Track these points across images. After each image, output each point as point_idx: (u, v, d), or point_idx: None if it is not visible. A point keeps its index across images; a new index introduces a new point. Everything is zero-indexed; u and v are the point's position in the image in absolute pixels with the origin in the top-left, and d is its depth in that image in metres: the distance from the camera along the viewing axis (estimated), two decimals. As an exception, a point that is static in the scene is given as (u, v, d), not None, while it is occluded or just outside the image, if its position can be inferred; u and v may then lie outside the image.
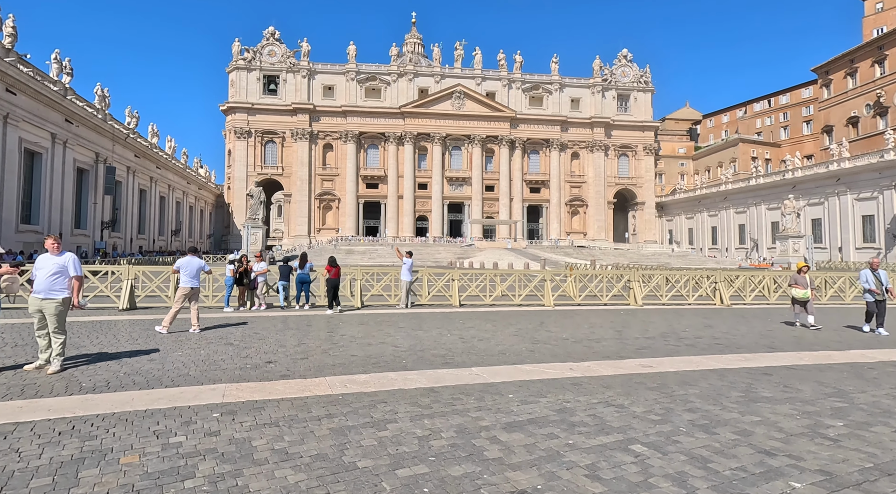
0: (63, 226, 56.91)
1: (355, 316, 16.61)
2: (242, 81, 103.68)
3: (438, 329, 14.19)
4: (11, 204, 48.91)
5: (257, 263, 17.99)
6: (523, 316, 17.40)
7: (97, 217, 65.31)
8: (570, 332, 13.90)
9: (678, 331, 14.42)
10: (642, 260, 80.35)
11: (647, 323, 16.02)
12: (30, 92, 48.69)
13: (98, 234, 65.19)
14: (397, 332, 13.39)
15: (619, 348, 11.55)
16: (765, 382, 8.43)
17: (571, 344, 11.94)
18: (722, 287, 21.60)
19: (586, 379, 8.52)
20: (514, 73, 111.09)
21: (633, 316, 17.88)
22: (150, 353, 9.86)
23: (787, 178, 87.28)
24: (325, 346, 11.19)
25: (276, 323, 14.54)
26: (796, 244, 77.28)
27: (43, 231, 53.59)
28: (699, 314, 19.03)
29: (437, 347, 11.25)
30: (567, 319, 16.91)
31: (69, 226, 58.62)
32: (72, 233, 59.36)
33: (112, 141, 67.31)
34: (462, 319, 16.45)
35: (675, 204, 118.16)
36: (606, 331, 14.19)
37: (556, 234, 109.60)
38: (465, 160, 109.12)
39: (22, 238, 51.12)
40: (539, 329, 14.50)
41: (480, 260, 72.34)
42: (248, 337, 12.19)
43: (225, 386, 7.53)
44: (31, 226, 52.88)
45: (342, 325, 14.52)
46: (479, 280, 22.24)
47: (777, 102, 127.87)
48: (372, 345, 11.41)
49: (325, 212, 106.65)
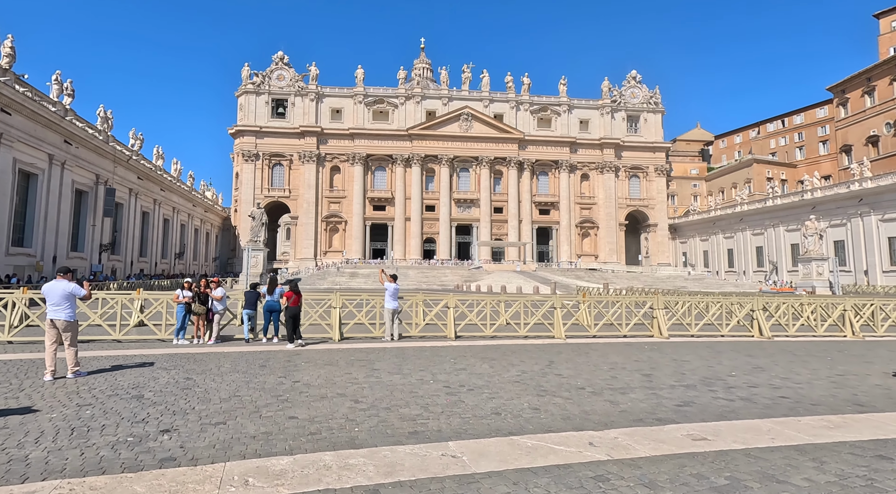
0: (58, 249, 55.11)
1: (325, 353, 13.88)
2: (251, 105, 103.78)
3: (422, 371, 11.47)
4: (2, 226, 47.22)
5: (215, 289, 15.45)
6: (529, 353, 14.57)
7: (95, 239, 63.63)
8: (586, 377, 11.10)
9: (722, 376, 11.50)
10: (657, 284, 76.99)
11: (680, 363, 13.11)
12: (26, 112, 47.55)
13: (96, 257, 63.41)
14: (368, 377, 10.70)
15: (654, 404, 8.72)
16: (889, 472, 5.60)
17: (589, 398, 9.13)
18: (760, 315, 18.54)
19: (614, 464, 5.75)
20: (521, 95, 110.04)
21: (661, 353, 14.94)
22: (9, 416, 7.24)
23: (806, 199, 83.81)
24: (264, 401, 8.52)
25: (222, 364, 11.89)
26: (820, 267, 73.53)
27: (36, 254, 51.86)
28: (739, 349, 16.04)
29: (410, 402, 8.54)
30: (582, 357, 14.06)
31: (65, 249, 56.81)
32: (67, 255, 57.51)
33: (113, 162, 66.19)
34: (455, 356, 13.70)
35: (688, 225, 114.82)
36: (632, 376, 11.34)
37: (566, 257, 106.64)
38: (473, 182, 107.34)
39: (12, 261, 49.28)
40: (547, 371, 11.71)
41: (488, 284, 69.53)
42: (172, 385, 9.55)
43: (54, 484, 4.88)
44: (22, 248, 51.09)
45: (303, 366, 11.81)
46: (479, 306, 19.43)
47: (791, 122, 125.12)
48: (326, 399, 8.70)
49: (331, 235, 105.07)
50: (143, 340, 15.61)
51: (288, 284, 14.68)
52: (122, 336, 15.61)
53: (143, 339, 15.74)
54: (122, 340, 15.51)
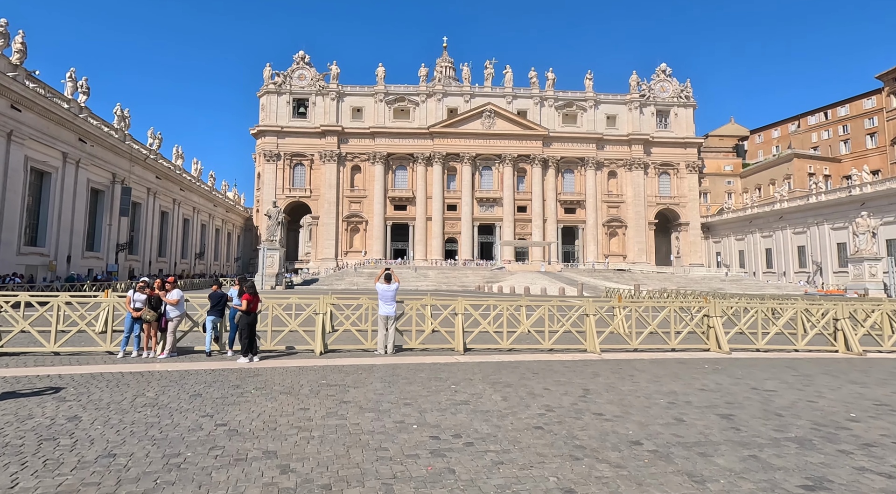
0: (73, 249, 54.16)
1: (290, 374, 11.06)
2: (273, 105, 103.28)
3: (407, 405, 8.48)
4: (14, 225, 46.13)
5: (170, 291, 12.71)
6: (556, 375, 11.41)
7: (112, 239, 62.68)
8: (639, 419, 7.91)
9: (839, 418, 8.11)
10: (691, 285, 72.42)
11: (764, 394, 9.73)
12: (38, 109, 46.50)
13: (112, 257, 62.42)
14: (327, 417, 7.78)
15: (762, 482, 5.43)
16: None
17: (653, 465, 5.93)
18: (847, 325, 14.82)
19: None
20: (546, 91, 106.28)
21: (730, 376, 11.55)
22: None
23: (854, 195, 77.60)
24: (145, 464, 5.61)
25: (147, 390, 9.08)
26: (873, 267, 67.99)
27: (49, 253, 50.88)
28: (829, 370, 12.52)
29: (368, 473, 5.49)
30: (626, 382, 10.88)
31: (80, 249, 55.88)
32: (82, 255, 56.59)
33: (130, 161, 65.29)
34: (458, 379, 10.66)
35: (722, 224, 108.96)
36: (705, 417, 8.07)
37: (593, 257, 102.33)
38: (496, 180, 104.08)
39: (25, 260, 48.31)
40: (582, 408, 8.60)
41: (511, 285, 66.25)
42: (40, 429, 6.77)
43: None
44: (36, 247, 50.10)
45: (249, 396, 8.96)
46: (496, 311, 16.14)
47: (835, 114, 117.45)
48: (242, 462, 5.76)
49: (352, 235, 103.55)
50: (85, 353, 13.05)
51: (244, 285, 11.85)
52: (60, 347, 13.07)
53: (86, 352, 13.17)
54: (61, 353, 12.99)
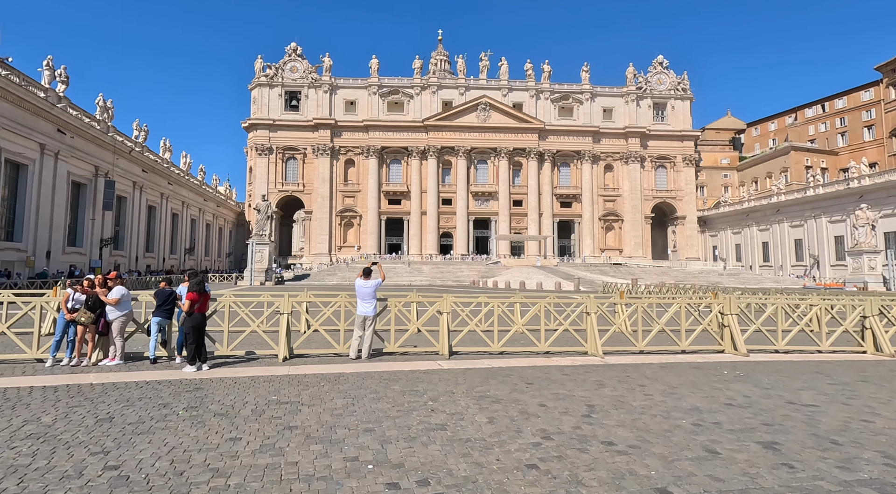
0: (53, 244, 52.19)
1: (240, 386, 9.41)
2: (264, 98, 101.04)
3: (368, 433, 6.85)
4: (-14, 219, 44.19)
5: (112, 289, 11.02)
6: (554, 385, 9.80)
7: (95, 234, 60.64)
8: (660, 451, 6.25)
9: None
10: (688, 279, 71.19)
11: (802, 411, 8.14)
12: (11, 98, 44.34)
13: (96, 252, 60.30)
14: (261, 452, 6.08)
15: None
16: None
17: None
18: (877, 323, 13.29)
19: None
20: (542, 83, 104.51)
21: (756, 385, 9.96)
22: None
23: (852, 187, 76.48)
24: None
25: (54, 408, 7.46)
26: (872, 260, 67.01)
27: (27, 249, 48.91)
28: (864, 375, 11.08)
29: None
30: (638, 395, 9.26)
31: (60, 244, 53.90)
32: (63, 250, 54.60)
33: (114, 154, 63.14)
34: (436, 394, 9.04)
35: (719, 218, 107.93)
36: (743, 444, 6.49)
37: (589, 251, 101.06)
38: (492, 174, 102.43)
39: (0, 256, 46.28)
40: (587, 433, 6.97)
41: (506, 279, 64.76)
42: None
43: None
44: (12, 243, 48.14)
45: (172, 421, 7.28)
46: (487, 308, 14.52)
47: (832, 106, 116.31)
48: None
49: (346, 230, 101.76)
50: (9, 362, 11.38)
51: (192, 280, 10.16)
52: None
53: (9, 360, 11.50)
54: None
